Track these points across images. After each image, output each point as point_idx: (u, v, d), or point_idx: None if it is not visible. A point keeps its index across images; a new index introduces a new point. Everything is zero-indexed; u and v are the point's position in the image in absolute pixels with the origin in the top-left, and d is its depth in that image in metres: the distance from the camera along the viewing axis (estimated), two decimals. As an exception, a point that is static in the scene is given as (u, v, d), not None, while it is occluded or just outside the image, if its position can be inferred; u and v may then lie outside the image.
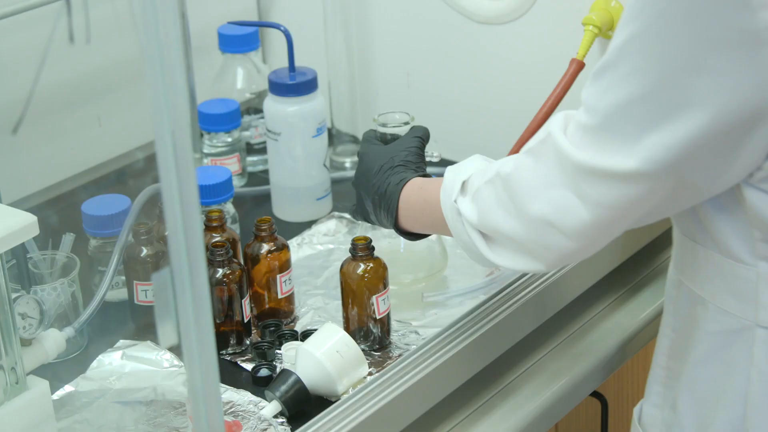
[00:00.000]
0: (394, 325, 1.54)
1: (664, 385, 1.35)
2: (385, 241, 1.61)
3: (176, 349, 1.43)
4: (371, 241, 1.51)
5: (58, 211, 1.79)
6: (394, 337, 1.52)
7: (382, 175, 1.46)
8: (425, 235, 1.47)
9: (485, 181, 1.30)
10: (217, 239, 1.52)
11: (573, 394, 1.51)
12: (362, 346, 1.47)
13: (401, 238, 1.62)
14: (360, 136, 1.99)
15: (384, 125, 1.57)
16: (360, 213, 1.51)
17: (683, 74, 1.10)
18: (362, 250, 1.49)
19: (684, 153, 1.12)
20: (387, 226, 1.47)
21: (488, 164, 1.35)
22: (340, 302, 1.53)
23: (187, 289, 0.92)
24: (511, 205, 1.25)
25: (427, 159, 1.54)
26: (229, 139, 1.86)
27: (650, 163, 1.13)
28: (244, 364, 1.49)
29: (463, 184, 1.34)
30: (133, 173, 1.89)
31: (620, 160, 1.15)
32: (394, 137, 1.54)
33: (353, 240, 1.51)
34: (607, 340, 1.57)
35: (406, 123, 1.57)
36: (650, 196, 1.16)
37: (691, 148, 1.12)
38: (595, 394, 1.58)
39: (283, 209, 1.81)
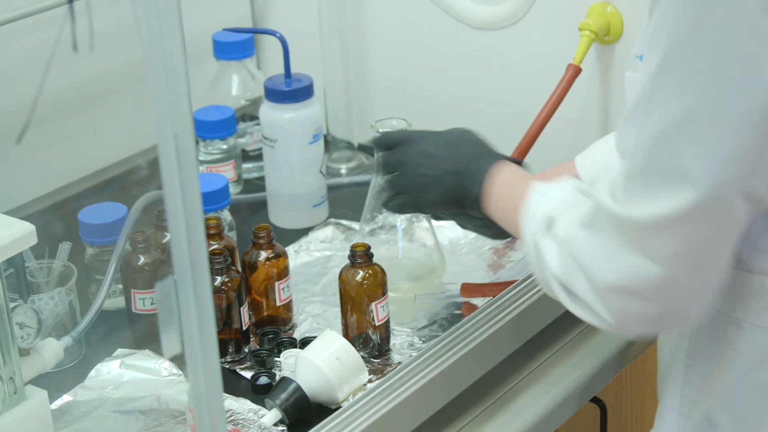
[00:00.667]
0: (393, 331, 1.53)
1: (679, 413, 1.32)
2: (384, 248, 1.61)
3: (177, 358, 1.42)
4: (370, 247, 1.50)
5: (55, 219, 1.78)
6: (393, 344, 1.52)
7: (460, 146, 1.41)
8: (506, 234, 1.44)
9: (569, 235, 1.21)
10: (214, 247, 1.52)
11: (572, 399, 1.51)
12: (361, 353, 1.46)
13: (399, 245, 1.62)
14: (356, 143, 1.99)
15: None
16: (410, 202, 1.46)
17: (728, 82, 1.06)
18: (361, 256, 1.49)
19: (743, 165, 1.08)
20: (459, 207, 1.41)
21: (576, 197, 1.27)
22: (338, 309, 1.52)
23: (191, 297, 0.91)
24: (584, 277, 1.19)
25: None
26: (225, 146, 1.86)
27: (712, 187, 1.08)
28: (243, 372, 1.48)
29: (547, 216, 1.26)
30: (129, 181, 1.89)
31: (679, 197, 1.09)
32: None
33: (352, 247, 1.50)
34: (607, 346, 1.56)
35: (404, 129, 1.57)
36: (723, 225, 1.11)
37: (746, 158, 1.08)
38: (595, 400, 1.58)
39: (280, 216, 1.81)
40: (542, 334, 1.54)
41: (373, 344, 1.50)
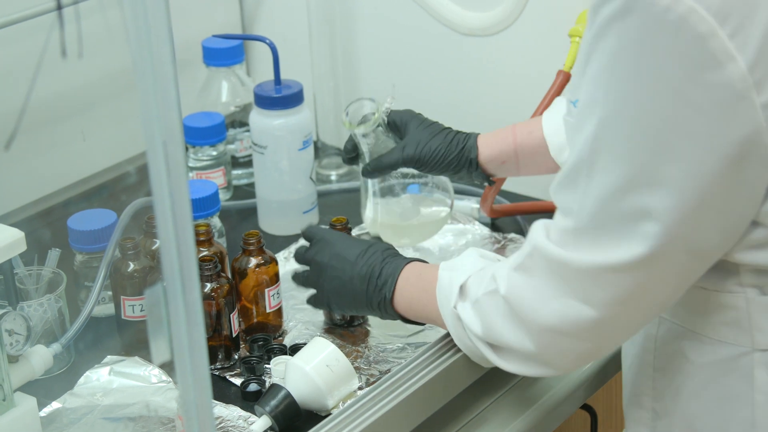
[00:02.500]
0: (383, 339, 1.53)
1: (651, 427, 1.33)
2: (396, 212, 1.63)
3: (166, 365, 1.42)
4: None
5: (44, 226, 1.78)
6: (384, 349, 1.52)
7: (371, 250, 1.43)
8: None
9: (485, 292, 1.28)
10: (204, 253, 1.51)
11: (563, 407, 1.51)
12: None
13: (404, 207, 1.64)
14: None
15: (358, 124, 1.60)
16: (322, 300, 1.47)
17: (664, 149, 1.09)
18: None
19: (684, 226, 1.12)
20: (368, 310, 1.43)
21: (485, 263, 1.33)
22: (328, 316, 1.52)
23: (180, 304, 0.91)
24: (516, 320, 1.24)
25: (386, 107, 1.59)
26: (214, 153, 1.86)
27: (656, 246, 1.12)
28: (232, 379, 1.48)
29: (462, 288, 1.32)
30: (119, 187, 1.88)
31: (626, 252, 1.13)
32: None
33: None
34: (597, 352, 1.56)
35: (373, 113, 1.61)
36: (663, 277, 1.16)
37: (689, 220, 1.11)
38: (585, 407, 1.58)
39: (270, 223, 1.80)
40: (532, 340, 1.54)
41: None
